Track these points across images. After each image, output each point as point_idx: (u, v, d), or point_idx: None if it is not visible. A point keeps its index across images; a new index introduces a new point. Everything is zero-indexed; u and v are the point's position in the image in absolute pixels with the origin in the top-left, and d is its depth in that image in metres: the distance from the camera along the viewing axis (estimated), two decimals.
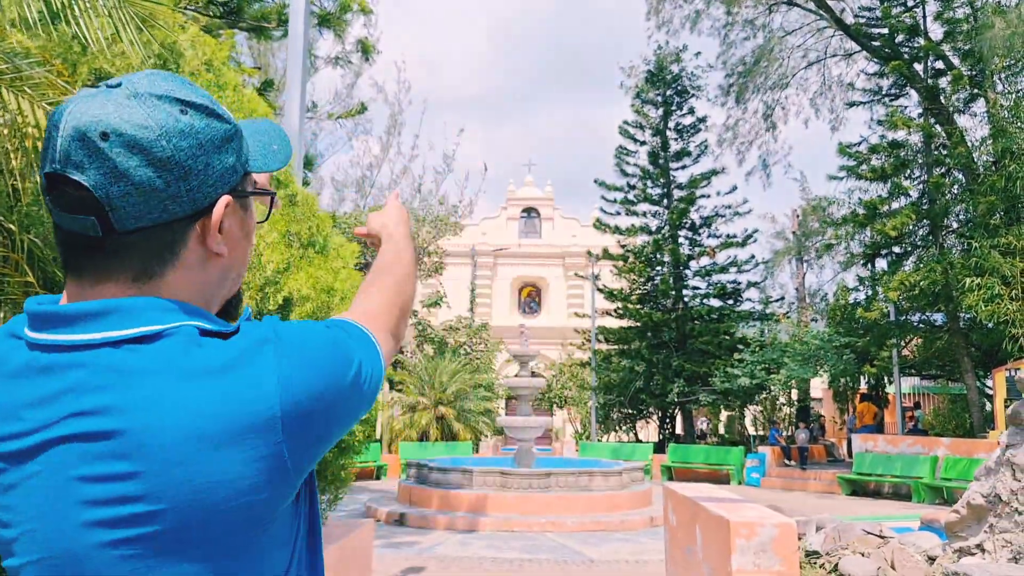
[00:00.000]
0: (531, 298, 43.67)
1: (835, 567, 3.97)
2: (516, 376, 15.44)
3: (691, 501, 4.81)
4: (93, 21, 3.75)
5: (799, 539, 4.58)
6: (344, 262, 4.72)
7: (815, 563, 4.14)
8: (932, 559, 4.00)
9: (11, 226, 3.50)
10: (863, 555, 4.06)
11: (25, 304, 0.84)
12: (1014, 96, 17.18)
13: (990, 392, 19.78)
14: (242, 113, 4.38)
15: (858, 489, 17.49)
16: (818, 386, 27.92)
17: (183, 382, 0.77)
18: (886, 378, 22.91)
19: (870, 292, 21.01)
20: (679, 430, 26.49)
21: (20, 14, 3.64)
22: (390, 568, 8.72)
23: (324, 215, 4.63)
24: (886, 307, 17.77)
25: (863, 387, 25.47)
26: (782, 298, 29.15)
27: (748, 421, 26.57)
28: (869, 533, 4.20)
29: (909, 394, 25.40)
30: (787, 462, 20.37)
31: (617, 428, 26.61)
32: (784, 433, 23.40)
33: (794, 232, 30.36)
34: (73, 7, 3.68)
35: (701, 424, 30.11)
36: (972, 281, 15.02)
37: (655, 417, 26.33)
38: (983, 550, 3.72)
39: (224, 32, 12.57)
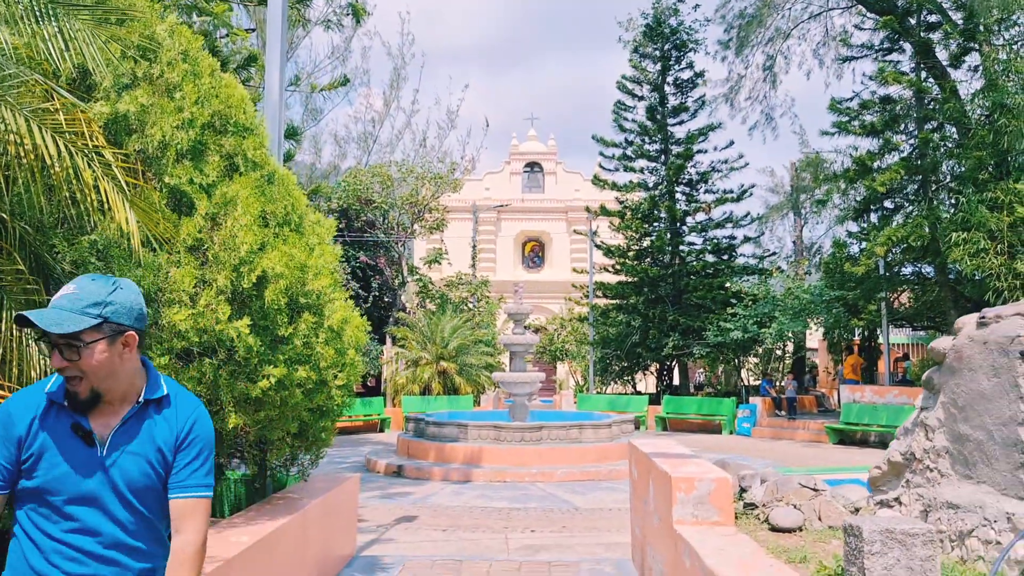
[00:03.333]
0: (534, 252, 43.92)
1: (767, 518, 4.35)
2: (512, 333, 15.81)
3: (647, 457, 5.18)
4: (75, 18, 3.99)
5: (744, 492, 4.95)
6: (319, 238, 5.02)
7: (751, 514, 4.52)
8: (856, 510, 4.37)
9: (2, 214, 3.79)
10: (795, 507, 4.43)
11: None
12: (1009, 49, 17.09)
13: None
14: (219, 99, 4.64)
15: (845, 438, 17.96)
16: (814, 337, 28.27)
17: None
18: (878, 329, 23.25)
19: (862, 246, 21.19)
20: (676, 381, 27.01)
21: (6, 11, 3.88)
22: (384, 517, 9.21)
23: (299, 194, 4.91)
24: (873, 262, 17.99)
25: (857, 338, 25.84)
26: (775, 253, 29.34)
27: (744, 373, 27.01)
28: (804, 486, 4.56)
29: (903, 344, 25.77)
30: (778, 412, 20.85)
31: (616, 380, 27.13)
32: (776, 384, 23.83)
33: (792, 186, 30.44)
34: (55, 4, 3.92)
35: (699, 376, 30.64)
36: (958, 235, 15.20)
37: (653, 369, 26.82)
38: (900, 503, 4.09)
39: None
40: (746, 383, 26.19)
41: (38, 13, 3.87)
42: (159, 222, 4.07)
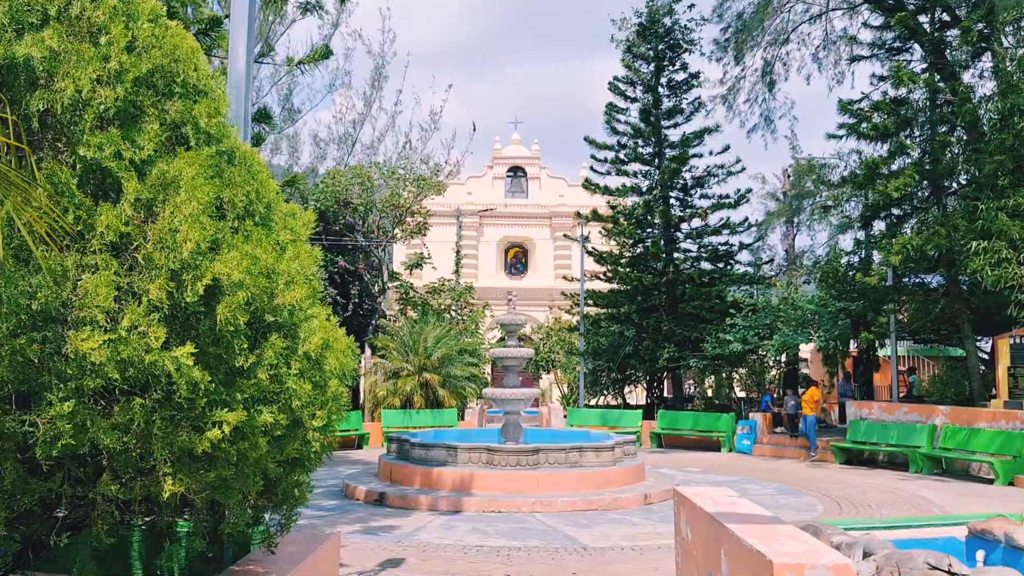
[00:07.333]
0: (517, 259, 42.90)
1: None
2: (503, 344, 14.68)
3: (712, 519, 4.08)
4: None
5: None
6: (294, 235, 3.87)
7: None
8: None
9: None
10: None
11: None
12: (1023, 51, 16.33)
13: (985, 356, 19.26)
14: (162, 50, 3.48)
15: (852, 458, 17.02)
16: (807, 348, 27.38)
17: None
18: (877, 342, 22.35)
19: (864, 255, 20.33)
20: (667, 393, 25.99)
21: None
22: (366, 560, 8.03)
23: (267, 177, 3.76)
24: (884, 271, 17.10)
25: (854, 350, 24.97)
26: (771, 260, 28.50)
27: (736, 384, 26.04)
28: (934, 568, 3.48)
29: (904, 357, 24.93)
30: (776, 430, 19.88)
31: (605, 392, 26.06)
32: (774, 397, 22.88)
33: (785, 192, 29.63)
34: None
35: (689, 387, 29.64)
36: (978, 244, 14.34)
37: (644, 381, 25.79)
38: None
39: None
40: (737, 395, 25.21)
41: None
42: (68, 210, 2.91)
